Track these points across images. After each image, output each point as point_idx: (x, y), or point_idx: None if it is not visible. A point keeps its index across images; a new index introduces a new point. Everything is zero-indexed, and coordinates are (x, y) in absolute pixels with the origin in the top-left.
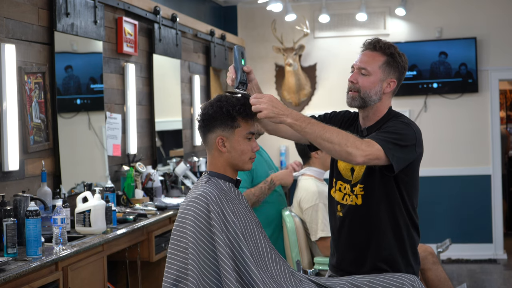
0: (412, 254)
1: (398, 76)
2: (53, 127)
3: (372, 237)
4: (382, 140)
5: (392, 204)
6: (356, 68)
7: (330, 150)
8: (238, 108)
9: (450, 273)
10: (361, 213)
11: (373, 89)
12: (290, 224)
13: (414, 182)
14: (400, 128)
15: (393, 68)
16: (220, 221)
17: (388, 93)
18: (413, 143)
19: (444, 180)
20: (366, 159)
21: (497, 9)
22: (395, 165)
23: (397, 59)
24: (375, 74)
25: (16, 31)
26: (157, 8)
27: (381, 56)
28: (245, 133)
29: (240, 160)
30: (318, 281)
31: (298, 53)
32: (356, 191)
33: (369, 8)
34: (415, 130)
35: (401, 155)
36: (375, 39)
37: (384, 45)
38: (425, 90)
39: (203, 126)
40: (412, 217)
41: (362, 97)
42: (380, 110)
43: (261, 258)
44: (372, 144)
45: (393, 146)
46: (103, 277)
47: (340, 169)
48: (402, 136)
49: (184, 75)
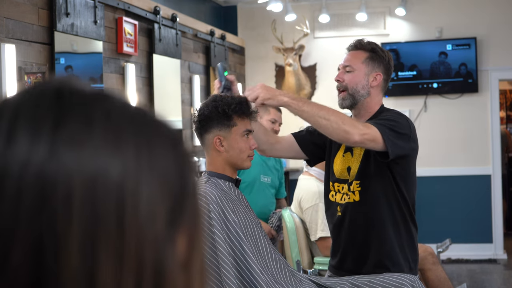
0: (411, 248)
1: (383, 70)
2: None
3: (372, 232)
4: (379, 124)
5: (389, 198)
6: (341, 67)
7: (327, 127)
8: (233, 106)
9: (450, 273)
10: (360, 209)
11: (359, 83)
12: (290, 224)
13: (411, 175)
14: (396, 117)
15: (377, 62)
16: (220, 220)
17: (375, 87)
18: (408, 133)
19: (444, 180)
20: (362, 138)
21: (497, 9)
22: (390, 149)
23: (380, 53)
24: (359, 69)
25: (16, 31)
26: (157, 8)
27: (363, 52)
28: (242, 131)
29: (239, 159)
30: (318, 281)
31: (298, 53)
32: (353, 188)
33: (369, 8)
34: (409, 122)
35: (396, 141)
36: (357, 40)
37: (365, 43)
38: (425, 90)
39: (199, 127)
40: (410, 211)
41: (350, 93)
42: (371, 106)
43: (261, 257)
44: (370, 126)
45: (389, 130)
46: None
47: (336, 172)
48: (398, 123)
49: (184, 75)
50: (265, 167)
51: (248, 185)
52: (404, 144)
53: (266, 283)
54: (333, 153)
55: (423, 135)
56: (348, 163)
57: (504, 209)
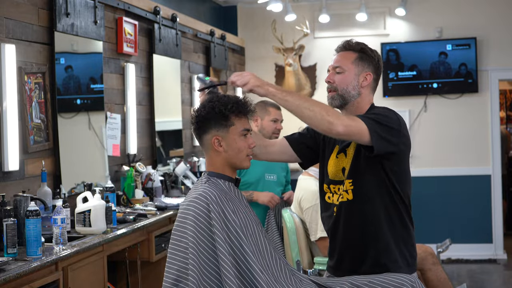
0: (408, 245)
1: (373, 69)
2: (53, 127)
3: (367, 230)
4: (366, 117)
5: (383, 195)
6: (331, 68)
7: (311, 118)
8: (230, 106)
9: (450, 273)
10: (353, 207)
11: (350, 84)
12: (290, 224)
13: (405, 171)
14: (384, 111)
15: (366, 62)
16: (220, 219)
17: (366, 87)
18: (397, 127)
19: (444, 180)
20: (346, 129)
21: (497, 9)
22: (375, 143)
23: (369, 53)
24: (349, 70)
25: (16, 31)
26: (157, 8)
27: (352, 53)
28: (240, 131)
29: (238, 158)
30: (318, 281)
31: (298, 53)
32: (346, 187)
33: (369, 8)
34: (398, 117)
35: (383, 134)
36: (345, 40)
37: (354, 43)
38: (425, 90)
39: (197, 129)
40: (406, 207)
41: (340, 94)
42: (361, 106)
43: (262, 257)
44: (355, 119)
45: (376, 124)
46: (103, 277)
47: (330, 173)
48: (385, 118)
49: (184, 75)
50: (270, 165)
51: (252, 184)
52: (392, 138)
53: (266, 283)
54: (327, 155)
55: (423, 135)
56: (342, 164)
57: (504, 209)
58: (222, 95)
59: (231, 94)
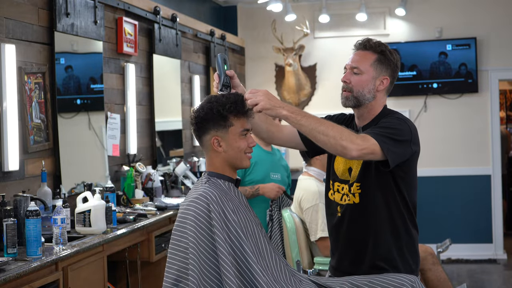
0: (410, 251)
1: (390, 73)
2: (53, 127)
3: (370, 234)
4: (377, 134)
5: (389, 201)
6: (349, 68)
7: (325, 143)
8: (228, 106)
9: (450, 273)
10: (359, 211)
11: (366, 87)
12: (290, 224)
13: (412, 178)
14: (396, 123)
15: (385, 66)
16: (221, 219)
17: (381, 90)
18: (409, 138)
19: (444, 180)
20: (361, 153)
21: (497, 9)
22: (390, 159)
23: (389, 56)
24: (367, 72)
25: (16, 31)
26: (157, 8)
27: (372, 54)
28: (240, 131)
29: (238, 158)
30: (318, 281)
31: (298, 53)
32: (353, 190)
33: (369, 8)
34: (410, 126)
35: (396, 150)
36: (366, 38)
37: (374, 44)
38: (425, 90)
39: (197, 130)
40: (411, 213)
41: (355, 96)
42: (375, 108)
43: (262, 257)
44: (368, 139)
45: (388, 140)
46: (103, 277)
47: (337, 171)
48: (397, 130)
49: (184, 75)
50: (274, 164)
51: (258, 183)
52: (404, 151)
53: (266, 283)
54: None
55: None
56: (350, 164)
57: (504, 209)
58: (220, 95)
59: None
